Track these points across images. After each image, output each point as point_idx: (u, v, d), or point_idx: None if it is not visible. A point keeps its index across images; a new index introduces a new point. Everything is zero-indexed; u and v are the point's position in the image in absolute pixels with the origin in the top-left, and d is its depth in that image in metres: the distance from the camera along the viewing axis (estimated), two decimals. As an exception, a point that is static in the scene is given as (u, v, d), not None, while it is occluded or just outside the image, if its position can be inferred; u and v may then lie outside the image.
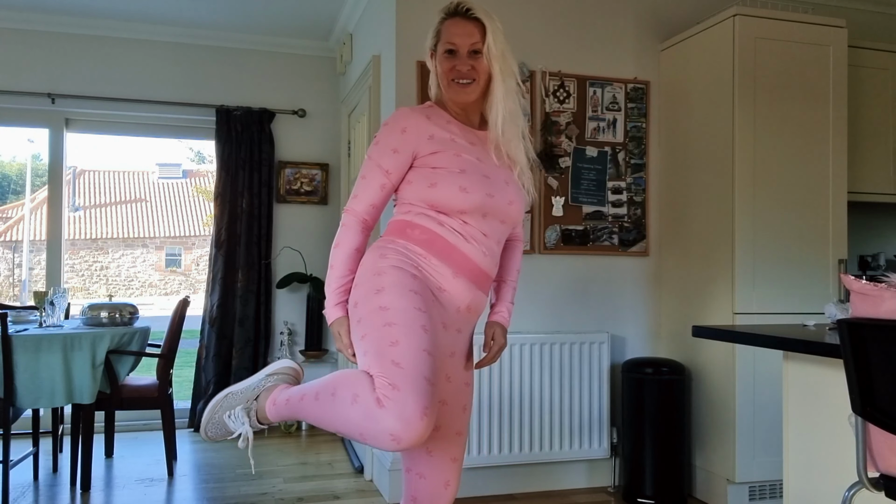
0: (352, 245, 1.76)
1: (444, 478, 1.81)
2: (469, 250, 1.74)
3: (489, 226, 1.77)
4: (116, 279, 21.70)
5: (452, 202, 1.73)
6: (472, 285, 1.76)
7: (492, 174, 1.79)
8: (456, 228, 1.74)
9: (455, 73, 1.79)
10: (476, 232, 1.75)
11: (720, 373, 3.29)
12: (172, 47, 4.87)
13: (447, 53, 1.80)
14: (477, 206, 1.73)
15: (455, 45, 1.79)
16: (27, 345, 3.29)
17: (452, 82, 1.80)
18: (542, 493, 3.44)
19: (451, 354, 1.79)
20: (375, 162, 1.77)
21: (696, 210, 3.46)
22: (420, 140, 1.76)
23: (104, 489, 3.54)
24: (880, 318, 1.48)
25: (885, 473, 1.56)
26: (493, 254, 1.80)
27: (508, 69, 1.82)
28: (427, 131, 1.77)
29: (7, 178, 23.95)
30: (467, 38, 1.79)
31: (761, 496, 3.24)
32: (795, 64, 3.29)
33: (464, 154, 1.77)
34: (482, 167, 1.78)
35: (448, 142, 1.77)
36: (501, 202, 1.78)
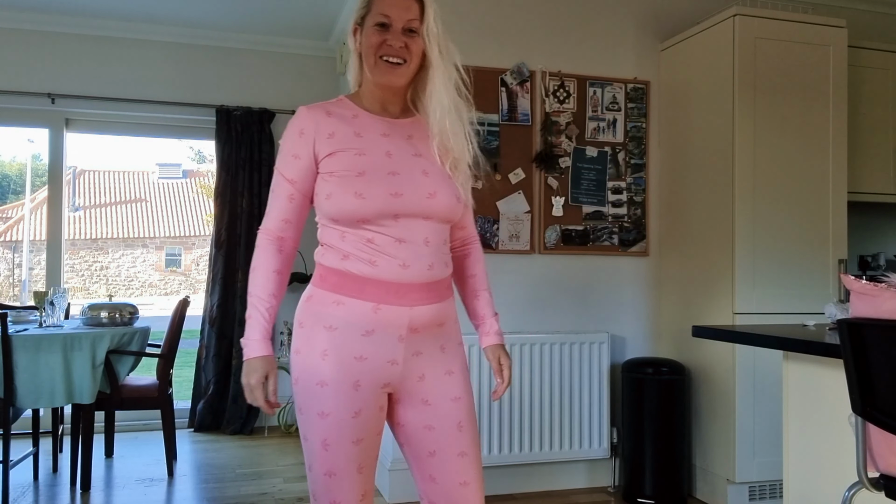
0: (269, 268, 1.57)
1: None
2: (382, 271, 1.49)
3: (406, 229, 1.51)
4: (116, 279, 21.71)
5: (348, 212, 1.49)
6: (403, 308, 1.51)
7: (403, 168, 1.53)
8: (362, 248, 1.50)
9: (385, 50, 1.54)
10: (388, 242, 1.50)
11: (720, 373, 3.29)
12: (172, 47, 4.87)
13: (378, 27, 1.55)
14: (378, 211, 1.49)
15: (389, 17, 1.55)
16: (27, 345, 3.29)
17: (380, 60, 1.55)
18: (542, 493, 3.44)
19: (420, 378, 1.57)
20: (279, 172, 1.57)
21: (696, 210, 3.46)
22: (319, 140, 1.54)
23: (104, 489, 3.54)
24: (880, 318, 1.48)
25: (885, 473, 1.56)
26: (425, 257, 1.52)
27: (449, 56, 1.60)
28: (327, 129, 1.55)
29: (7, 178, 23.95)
30: (404, 13, 1.55)
31: (761, 496, 3.24)
32: (795, 64, 3.29)
33: (367, 152, 1.53)
34: (390, 163, 1.53)
35: (349, 139, 1.54)
36: (416, 197, 1.51)
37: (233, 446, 4.40)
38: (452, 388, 1.60)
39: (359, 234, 1.51)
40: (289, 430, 4.80)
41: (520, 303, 3.49)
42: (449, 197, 1.56)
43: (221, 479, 3.72)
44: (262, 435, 4.70)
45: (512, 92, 3.50)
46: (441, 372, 1.59)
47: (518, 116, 3.51)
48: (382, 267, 1.50)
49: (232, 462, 4.03)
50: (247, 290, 1.59)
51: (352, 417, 1.50)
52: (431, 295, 1.54)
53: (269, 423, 4.87)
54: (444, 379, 1.59)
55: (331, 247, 1.55)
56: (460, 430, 1.59)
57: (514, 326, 3.45)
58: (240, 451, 4.28)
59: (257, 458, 4.14)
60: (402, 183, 1.51)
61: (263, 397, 1.52)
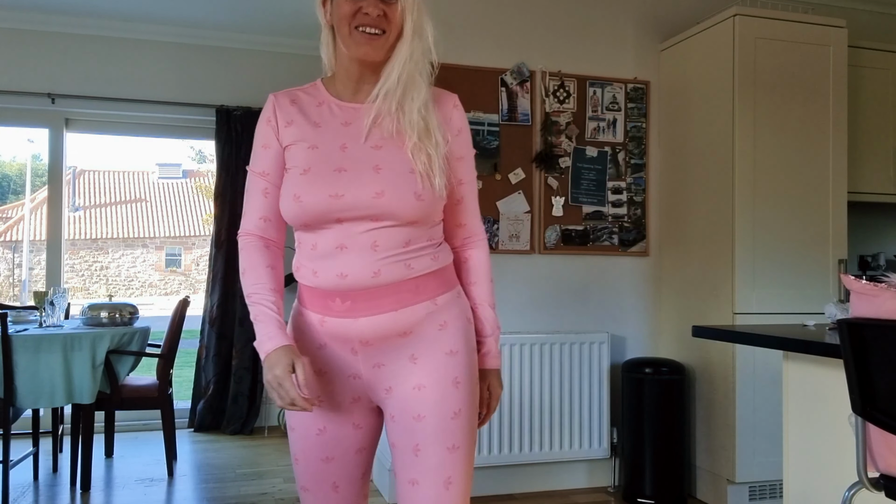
0: (259, 264, 1.43)
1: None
2: (322, 281, 1.36)
3: (347, 234, 1.34)
4: (116, 279, 21.71)
5: (287, 216, 1.40)
6: (346, 320, 1.36)
7: (353, 164, 1.36)
8: (308, 250, 1.40)
9: (360, 19, 1.36)
10: (328, 249, 1.36)
11: (720, 373, 3.29)
12: (172, 47, 4.87)
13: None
14: (316, 216, 1.35)
15: None
16: (27, 345, 3.29)
17: (356, 31, 1.37)
18: (542, 493, 3.44)
19: (388, 391, 1.40)
20: (251, 168, 1.47)
21: (696, 210, 3.46)
22: (280, 129, 1.44)
23: (104, 489, 3.54)
24: (880, 318, 1.48)
25: (885, 473, 1.56)
26: (369, 265, 1.34)
27: (421, 28, 1.40)
28: (286, 117, 1.44)
29: (7, 178, 23.95)
30: None
31: (761, 496, 3.24)
32: (795, 64, 3.29)
33: (320, 145, 1.39)
34: (341, 157, 1.37)
35: (305, 130, 1.41)
36: (360, 198, 1.33)
37: (233, 446, 4.40)
38: (416, 406, 1.37)
39: (306, 239, 1.40)
40: (289, 430, 4.80)
41: (520, 303, 3.49)
42: (401, 196, 1.34)
43: (221, 479, 3.72)
44: (262, 435, 4.70)
45: (512, 92, 3.50)
46: (408, 387, 1.38)
47: (518, 116, 3.51)
48: (322, 276, 1.36)
49: (232, 462, 4.04)
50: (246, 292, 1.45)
51: (315, 435, 1.42)
52: (383, 303, 1.35)
53: (269, 423, 4.87)
54: (410, 395, 1.38)
55: (297, 253, 1.45)
56: (415, 454, 1.36)
57: (514, 326, 3.45)
58: (240, 451, 4.28)
59: (257, 458, 4.14)
60: (347, 182, 1.34)
61: (296, 390, 1.30)
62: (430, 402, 1.37)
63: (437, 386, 1.38)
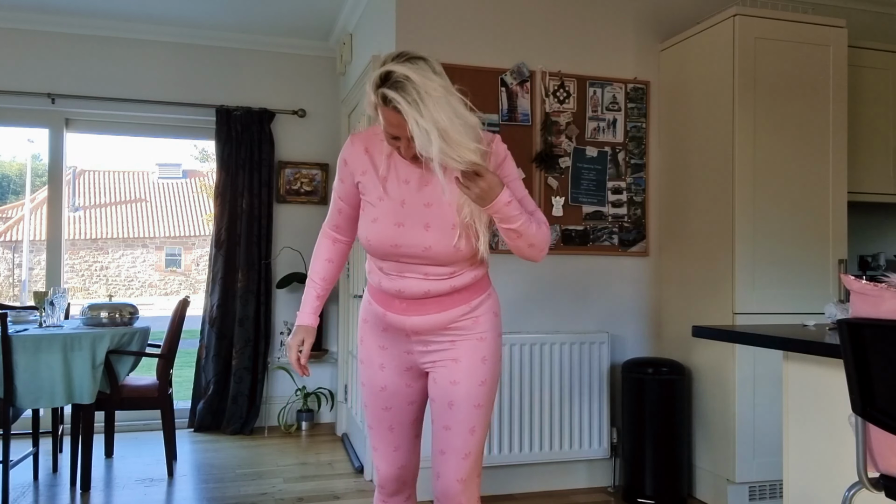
0: (322, 256, 1.99)
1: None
2: (390, 288, 1.84)
3: (406, 267, 1.82)
4: (116, 279, 21.72)
5: (364, 246, 1.87)
6: (402, 317, 1.85)
7: (409, 220, 1.79)
8: (376, 267, 1.88)
9: (399, 153, 1.79)
10: (391, 272, 1.84)
11: (720, 373, 3.29)
12: (172, 47, 4.87)
13: (388, 135, 1.76)
14: (381, 254, 1.83)
15: (396, 132, 1.73)
16: (27, 345, 3.29)
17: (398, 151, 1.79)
18: (542, 493, 3.44)
19: (433, 363, 1.89)
20: (334, 189, 1.95)
21: (696, 210, 3.47)
22: (356, 174, 1.86)
23: (104, 489, 3.54)
24: (880, 319, 1.48)
25: (885, 473, 1.56)
26: (421, 286, 1.81)
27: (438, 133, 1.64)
28: (361, 166, 1.86)
29: (7, 178, 23.95)
30: (401, 130, 1.70)
31: (761, 496, 3.24)
32: (795, 64, 3.29)
33: (385, 198, 1.81)
34: (400, 213, 1.79)
35: (374, 185, 1.83)
36: (414, 249, 1.79)
37: (233, 446, 4.40)
38: (453, 374, 1.86)
39: (376, 260, 1.87)
40: (289, 430, 4.80)
41: (520, 303, 3.49)
42: (444, 248, 1.78)
43: (221, 479, 3.72)
44: (262, 435, 4.70)
45: (512, 92, 3.50)
46: (448, 359, 1.87)
47: (518, 116, 3.51)
48: (385, 287, 1.85)
49: (232, 462, 4.04)
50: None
51: (380, 390, 1.93)
52: (430, 308, 1.83)
53: (269, 423, 4.88)
54: (448, 365, 1.87)
55: (368, 258, 1.93)
56: (450, 407, 1.85)
57: (514, 326, 3.46)
58: (240, 451, 4.28)
59: (257, 458, 4.14)
60: (403, 235, 1.79)
61: (296, 357, 1.94)
62: (464, 372, 1.85)
63: (469, 361, 1.86)
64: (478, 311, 1.88)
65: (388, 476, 1.97)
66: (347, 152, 1.88)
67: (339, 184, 1.92)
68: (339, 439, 4.57)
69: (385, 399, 1.94)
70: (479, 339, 1.87)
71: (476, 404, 1.85)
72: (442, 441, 1.87)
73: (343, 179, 1.90)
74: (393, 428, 1.95)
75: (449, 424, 1.86)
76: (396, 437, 1.96)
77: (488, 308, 1.90)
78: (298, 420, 4.87)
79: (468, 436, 1.85)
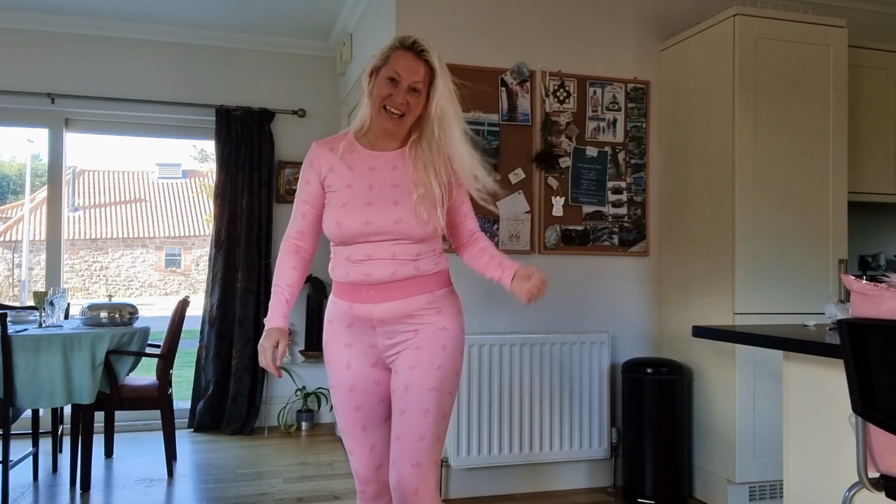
0: (287, 263, 2.00)
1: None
2: (357, 275, 1.90)
3: (374, 248, 1.89)
4: (116, 279, 21.71)
5: (331, 235, 1.93)
6: (369, 305, 1.89)
7: (378, 199, 1.90)
8: (343, 259, 1.93)
9: (389, 102, 1.88)
10: (362, 254, 1.89)
11: (720, 373, 3.29)
12: (172, 47, 4.87)
13: (388, 80, 1.87)
14: (352, 236, 1.89)
15: (399, 76, 1.87)
16: (27, 345, 3.29)
17: (384, 109, 1.89)
18: (542, 493, 3.44)
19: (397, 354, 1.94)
20: (297, 195, 2.01)
21: (696, 210, 3.46)
22: (322, 171, 1.95)
23: (104, 489, 3.54)
24: (880, 319, 1.48)
25: (886, 473, 1.56)
26: (388, 267, 1.89)
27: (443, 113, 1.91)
28: (328, 163, 1.95)
29: (7, 178, 23.95)
30: (412, 74, 1.87)
31: (761, 496, 3.24)
32: (795, 64, 3.29)
33: (354, 184, 1.91)
34: (369, 195, 1.90)
35: (342, 175, 1.93)
36: (384, 223, 1.88)
37: (233, 446, 4.40)
38: (412, 359, 1.91)
39: (342, 251, 1.93)
40: (288, 430, 4.80)
41: (520, 303, 3.48)
42: (412, 222, 1.88)
43: (221, 479, 3.72)
44: (262, 435, 4.70)
45: (512, 92, 3.50)
46: (410, 347, 1.92)
47: (518, 116, 3.51)
48: (353, 275, 1.90)
49: (232, 462, 4.03)
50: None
51: (348, 390, 1.95)
52: (396, 294, 1.89)
53: (269, 423, 4.87)
54: (409, 353, 1.92)
55: (332, 258, 1.98)
56: (406, 391, 1.90)
57: (514, 326, 3.45)
58: (240, 452, 4.28)
59: (257, 458, 4.14)
60: (374, 213, 1.88)
61: (271, 359, 1.91)
62: (423, 357, 1.90)
63: (429, 347, 1.91)
64: (441, 302, 1.94)
65: (367, 477, 1.99)
66: (313, 155, 1.98)
67: (304, 187, 1.98)
68: (339, 439, 4.57)
69: (354, 398, 1.95)
70: (441, 329, 1.93)
71: (430, 387, 1.88)
72: (397, 426, 1.90)
73: (309, 181, 1.97)
74: (366, 428, 1.96)
75: (404, 408, 1.89)
76: (371, 437, 1.97)
77: (451, 303, 1.98)
78: (298, 420, 4.87)
79: (422, 417, 1.87)
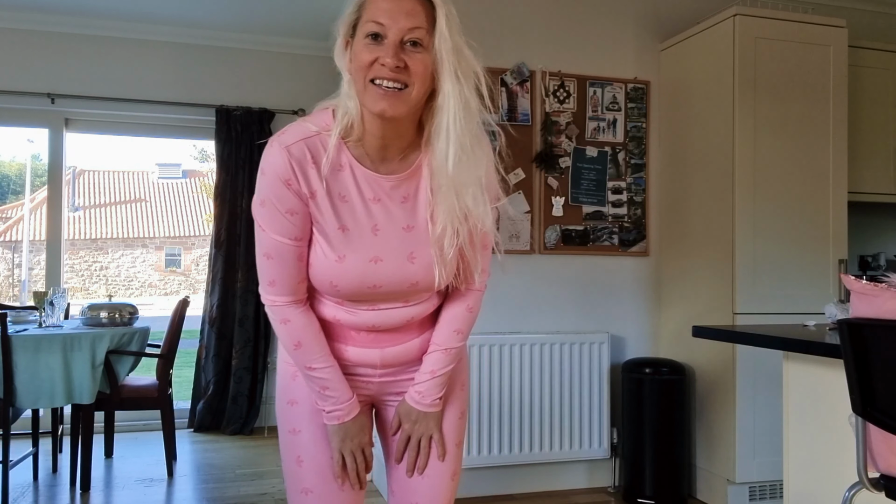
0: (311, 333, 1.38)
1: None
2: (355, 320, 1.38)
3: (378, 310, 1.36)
4: (116, 279, 21.71)
5: (321, 291, 1.34)
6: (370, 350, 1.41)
7: (389, 252, 1.30)
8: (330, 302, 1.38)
9: (377, 71, 1.20)
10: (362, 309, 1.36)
11: (720, 373, 3.29)
12: (172, 47, 4.87)
13: (370, 39, 1.21)
14: (352, 298, 1.33)
15: (384, 25, 1.19)
16: (27, 345, 3.28)
17: (371, 84, 1.20)
18: (542, 493, 3.44)
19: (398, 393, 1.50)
20: (275, 233, 1.30)
21: (696, 210, 3.46)
22: (303, 193, 1.27)
23: (104, 489, 3.54)
24: (880, 319, 1.48)
25: (886, 474, 1.56)
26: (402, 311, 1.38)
27: (469, 71, 1.25)
28: (309, 184, 1.26)
29: (7, 178, 23.95)
30: (404, 20, 1.19)
31: (761, 496, 3.24)
32: (795, 64, 3.29)
33: (351, 226, 1.28)
34: (374, 244, 1.29)
35: (333, 205, 1.27)
36: (398, 286, 1.31)
37: (233, 446, 4.40)
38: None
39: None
40: (289, 430, 4.80)
41: (520, 303, 3.49)
42: (432, 279, 1.33)
43: (221, 479, 3.72)
44: (262, 435, 4.70)
45: (512, 92, 3.50)
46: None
47: (518, 116, 3.51)
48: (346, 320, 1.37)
49: (232, 462, 4.03)
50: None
51: (322, 438, 1.41)
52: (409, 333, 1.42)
53: (269, 423, 4.87)
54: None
55: None
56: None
57: (514, 326, 3.45)
58: (240, 452, 4.28)
59: (257, 458, 4.14)
60: (384, 273, 1.30)
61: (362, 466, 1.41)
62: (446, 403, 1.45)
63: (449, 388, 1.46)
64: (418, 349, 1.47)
65: None
66: (286, 170, 1.24)
67: (286, 222, 1.26)
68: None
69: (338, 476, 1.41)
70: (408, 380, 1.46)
71: (457, 443, 1.47)
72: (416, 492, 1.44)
73: (293, 211, 1.26)
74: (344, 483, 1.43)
75: (429, 472, 1.44)
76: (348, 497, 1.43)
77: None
78: (298, 420, 4.86)
79: (449, 482, 1.45)
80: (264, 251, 1.30)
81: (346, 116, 1.26)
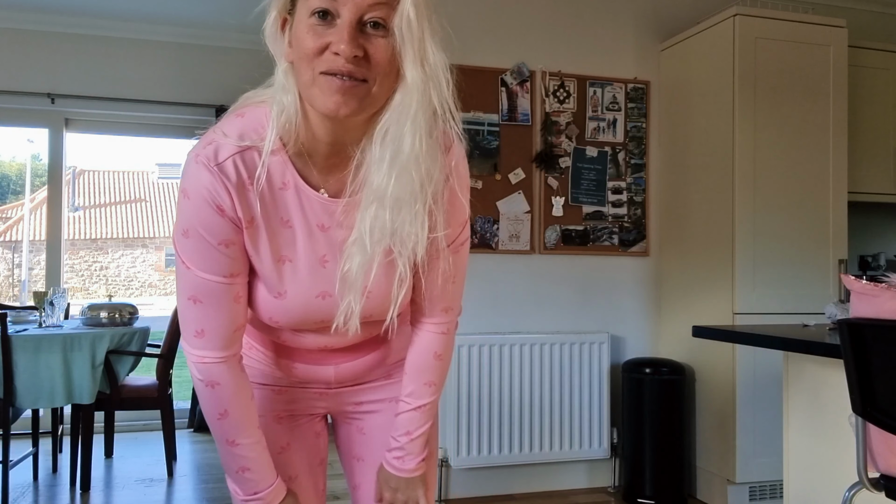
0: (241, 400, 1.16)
1: None
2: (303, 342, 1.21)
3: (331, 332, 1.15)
4: (116, 279, 21.71)
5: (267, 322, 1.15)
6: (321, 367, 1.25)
7: (335, 285, 1.08)
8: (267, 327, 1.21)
9: (329, 63, 0.93)
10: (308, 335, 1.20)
11: (720, 373, 3.29)
12: (172, 47, 4.87)
13: (316, 18, 0.93)
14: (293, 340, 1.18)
15: (335, 1, 0.93)
16: (27, 345, 3.28)
17: (321, 77, 0.94)
18: (542, 493, 3.44)
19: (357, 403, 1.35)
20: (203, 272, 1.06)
21: (696, 210, 3.46)
22: (239, 219, 1.04)
23: (104, 489, 3.54)
24: (880, 319, 1.48)
25: (886, 473, 1.56)
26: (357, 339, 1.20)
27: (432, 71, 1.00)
28: (245, 209, 1.03)
29: (7, 178, 23.96)
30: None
31: (761, 496, 3.24)
32: (795, 64, 3.29)
33: (294, 259, 1.08)
34: (321, 278, 1.09)
35: (272, 232, 1.06)
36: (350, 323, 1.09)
37: (233, 446, 4.40)
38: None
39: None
40: (289, 430, 4.80)
41: (520, 303, 3.49)
42: (386, 308, 1.11)
43: (221, 479, 3.71)
44: (261, 435, 4.69)
45: (512, 92, 3.50)
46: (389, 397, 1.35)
47: (518, 116, 3.51)
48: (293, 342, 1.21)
49: (232, 462, 4.03)
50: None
51: (278, 453, 1.26)
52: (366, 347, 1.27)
53: (269, 423, 4.87)
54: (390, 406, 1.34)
55: None
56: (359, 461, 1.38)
57: (514, 326, 3.45)
58: (240, 452, 4.28)
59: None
60: (332, 308, 1.09)
61: None
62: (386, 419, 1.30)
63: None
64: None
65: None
66: (215, 191, 1.01)
67: (220, 256, 1.03)
68: (339, 439, 4.57)
69: (287, 464, 1.26)
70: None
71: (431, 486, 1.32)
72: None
73: (230, 241, 1.03)
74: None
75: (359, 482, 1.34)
76: None
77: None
78: None
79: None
80: (189, 294, 1.05)
81: (282, 115, 1.02)
